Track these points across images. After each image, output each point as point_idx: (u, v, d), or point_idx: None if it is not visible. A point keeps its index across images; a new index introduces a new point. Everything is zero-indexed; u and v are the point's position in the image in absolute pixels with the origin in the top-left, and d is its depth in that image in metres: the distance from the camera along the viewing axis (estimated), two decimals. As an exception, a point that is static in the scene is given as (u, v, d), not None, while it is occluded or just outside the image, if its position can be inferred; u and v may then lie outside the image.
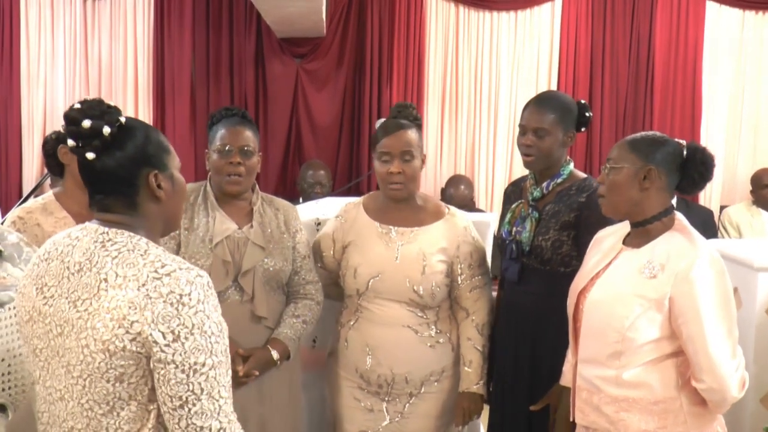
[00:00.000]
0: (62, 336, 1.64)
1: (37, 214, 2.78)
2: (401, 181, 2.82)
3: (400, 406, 2.88)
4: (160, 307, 1.56)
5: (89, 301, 1.61)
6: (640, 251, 2.33)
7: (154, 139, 1.76)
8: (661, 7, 6.53)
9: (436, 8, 6.65)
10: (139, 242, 1.68)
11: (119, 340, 1.56)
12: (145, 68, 6.67)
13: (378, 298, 2.85)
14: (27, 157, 6.71)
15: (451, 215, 2.95)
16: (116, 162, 1.68)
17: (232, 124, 2.78)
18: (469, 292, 2.90)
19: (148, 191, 1.73)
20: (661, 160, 2.30)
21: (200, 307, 1.60)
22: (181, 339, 1.56)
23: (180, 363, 1.56)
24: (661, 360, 2.28)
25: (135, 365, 1.59)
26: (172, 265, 1.63)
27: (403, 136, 2.83)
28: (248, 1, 6.28)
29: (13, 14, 6.61)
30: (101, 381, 1.59)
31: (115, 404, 1.62)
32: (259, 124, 6.61)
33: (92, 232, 1.70)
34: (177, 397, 1.57)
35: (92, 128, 1.64)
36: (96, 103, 1.69)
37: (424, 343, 2.85)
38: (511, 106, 6.61)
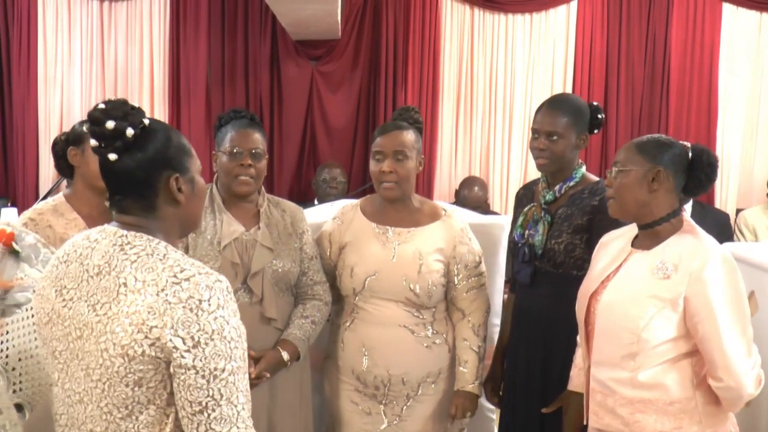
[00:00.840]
0: (81, 339, 1.64)
1: (49, 215, 2.79)
2: (393, 180, 2.82)
3: (397, 408, 2.88)
4: (179, 313, 1.56)
5: (108, 305, 1.60)
6: (651, 253, 2.33)
7: (176, 141, 1.76)
8: (677, 9, 6.49)
9: (451, 10, 6.64)
10: (158, 246, 1.67)
11: (138, 345, 1.56)
12: (160, 70, 6.71)
13: (374, 297, 2.85)
14: (44, 159, 6.75)
15: (447, 216, 2.95)
16: (136, 163, 1.68)
17: (241, 126, 2.78)
18: (465, 293, 2.90)
19: (168, 194, 1.73)
20: (668, 161, 2.32)
21: (220, 313, 1.59)
22: (201, 345, 1.56)
23: (200, 368, 1.56)
24: (678, 360, 2.28)
25: (154, 370, 1.58)
26: (191, 269, 1.62)
27: (398, 136, 2.84)
28: (264, 4, 6.30)
29: (30, 16, 6.66)
30: (120, 385, 1.59)
31: (133, 408, 1.61)
32: (273, 126, 6.64)
33: (111, 235, 1.69)
34: (196, 403, 1.57)
35: (115, 129, 1.64)
36: (120, 104, 1.68)
37: (421, 343, 2.86)
38: (526, 108, 6.60)
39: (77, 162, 2.85)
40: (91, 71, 6.75)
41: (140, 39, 6.71)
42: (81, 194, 2.87)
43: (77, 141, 2.84)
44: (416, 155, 2.86)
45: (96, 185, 2.85)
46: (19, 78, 6.69)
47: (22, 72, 6.69)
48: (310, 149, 6.73)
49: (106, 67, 6.74)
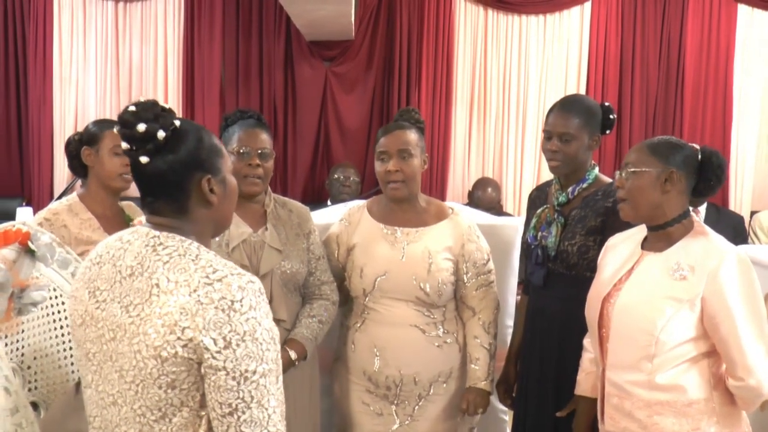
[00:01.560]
0: (115, 341, 1.62)
1: (64, 215, 2.80)
2: (400, 179, 2.82)
3: (409, 408, 2.88)
4: (211, 314, 1.54)
5: (141, 306, 1.59)
6: (665, 254, 2.33)
7: (207, 142, 1.74)
8: (692, 10, 6.48)
9: (464, 12, 6.65)
10: (191, 247, 1.66)
11: (171, 346, 1.54)
12: (175, 71, 6.74)
13: (384, 297, 2.86)
14: (58, 159, 6.79)
15: (455, 215, 2.95)
16: (168, 166, 1.66)
17: (248, 126, 2.78)
18: (475, 290, 2.91)
19: (200, 195, 1.71)
20: (680, 163, 2.32)
21: (252, 314, 1.58)
22: (232, 346, 1.54)
23: (231, 370, 1.54)
24: (696, 361, 2.28)
25: (187, 371, 1.57)
26: (224, 270, 1.61)
27: (401, 135, 2.84)
28: (278, 5, 6.32)
29: (46, 17, 6.70)
30: (153, 387, 1.58)
31: (167, 410, 1.60)
32: (287, 126, 6.66)
33: (143, 236, 1.68)
34: (227, 405, 1.55)
35: (147, 132, 1.62)
36: (150, 105, 1.66)
37: (432, 342, 2.86)
38: (540, 109, 6.59)
39: (91, 162, 2.86)
40: (106, 72, 6.80)
41: (155, 39, 6.75)
42: (95, 194, 2.88)
43: (91, 141, 2.85)
44: (420, 153, 2.87)
45: (110, 185, 2.86)
46: (35, 78, 6.74)
47: (38, 72, 6.73)
48: (324, 150, 6.75)
49: (120, 67, 6.78)
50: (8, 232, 2.15)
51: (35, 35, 6.71)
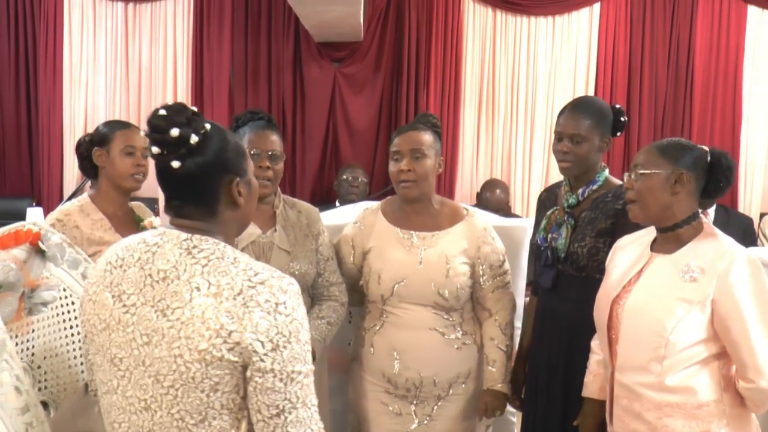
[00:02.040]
0: (150, 345, 1.60)
1: (75, 215, 2.80)
2: (412, 179, 2.82)
3: (428, 408, 2.88)
4: (258, 316, 1.55)
5: (181, 310, 1.57)
6: (674, 256, 2.32)
7: (233, 144, 1.73)
8: (701, 12, 6.46)
9: (473, 13, 6.65)
10: (226, 249, 1.65)
11: (217, 350, 1.54)
12: (184, 72, 6.76)
13: (403, 302, 2.86)
14: (68, 159, 6.82)
15: (470, 216, 2.95)
16: (198, 169, 1.64)
17: (258, 128, 2.77)
18: (491, 292, 2.91)
19: (228, 198, 1.70)
20: (690, 164, 2.31)
21: (295, 315, 1.59)
22: (279, 348, 1.55)
23: (278, 372, 1.55)
24: (706, 363, 2.27)
25: (230, 374, 1.57)
26: (264, 273, 1.61)
27: (414, 135, 2.84)
28: (287, 6, 6.34)
29: (57, 18, 6.74)
30: (195, 391, 1.57)
31: (207, 414, 1.59)
32: (296, 127, 6.67)
33: (174, 239, 1.65)
34: (274, 406, 1.56)
35: (180, 137, 1.60)
36: (181, 109, 1.64)
37: (451, 345, 2.86)
38: (548, 111, 6.59)
39: (102, 162, 2.87)
40: (116, 72, 6.82)
41: (164, 40, 6.77)
42: (106, 194, 2.89)
43: (102, 142, 2.86)
44: (434, 155, 2.86)
45: (120, 185, 2.87)
46: (45, 79, 6.77)
47: (48, 73, 6.77)
48: (333, 151, 6.76)
49: (130, 68, 6.81)
50: (19, 232, 2.16)
51: (45, 36, 6.75)
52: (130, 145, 2.85)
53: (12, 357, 1.85)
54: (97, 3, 6.78)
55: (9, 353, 1.84)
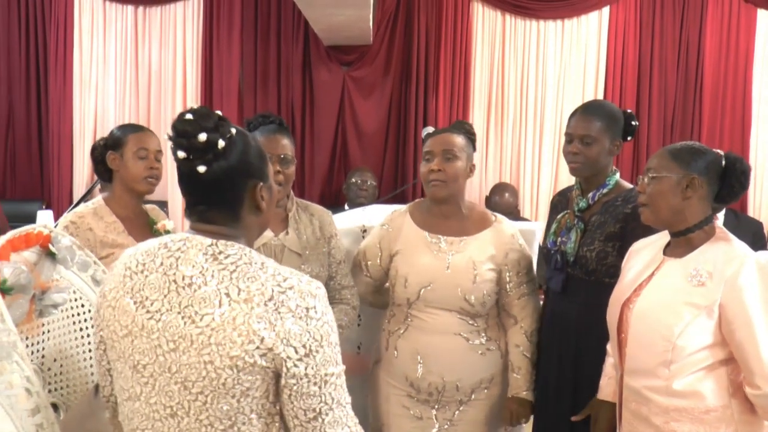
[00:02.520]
0: (176, 351, 1.58)
1: (89, 218, 2.82)
2: (441, 179, 2.82)
3: (449, 413, 2.88)
4: (289, 322, 1.54)
5: (210, 316, 1.56)
6: (684, 260, 2.32)
7: (255, 148, 1.72)
8: (711, 16, 6.43)
9: (482, 17, 6.65)
10: (252, 254, 1.64)
11: (249, 356, 1.53)
12: (193, 75, 6.78)
13: (429, 307, 2.85)
14: (78, 162, 6.86)
15: (498, 222, 2.95)
16: (223, 173, 1.63)
17: (270, 132, 2.77)
18: (517, 299, 2.90)
19: (252, 202, 1.70)
20: (702, 169, 2.30)
21: (325, 319, 1.59)
22: (312, 353, 1.55)
23: (312, 376, 1.56)
24: (714, 368, 2.26)
25: (261, 379, 1.56)
26: (292, 277, 1.60)
27: (447, 137, 2.85)
28: (296, 10, 6.34)
29: (67, 21, 6.77)
30: (226, 397, 1.56)
31: (237, 419, 1.58)
32: (305, 131, 6.68)
33: (198, 244, 1.64)
34: (311, 410, 1.57)
35: (208, 142, 1.58)
36: (206, 113, 1.62)
37: (475, 350, 2.86)
38: (557, 115, 6.58)
39: (116, 166, 2.89)
40: (126, 75, 6.85)
41: (174, 44, 6.79)
42: (119, 197, 2.91)
43: (115, 145, 2.88)
44: (466, 159, 2.86)
45: (134, 188, 2.89)
46: (56, 82, 6.81)
47: (58, 76, 6.80)
48: (341, 154, 6.76)
49: (140, 71, 6.84)
50: (30, 234, 2.17)
51: (56, 39, 6.78)
52: (143, 148, 2.86)
53: (23, 358, 1.86)
54: (107, 6, 6.81)
55: (20, 355, 1.84)
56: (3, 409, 1.76)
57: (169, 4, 6.77)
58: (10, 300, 1.98)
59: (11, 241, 2.09)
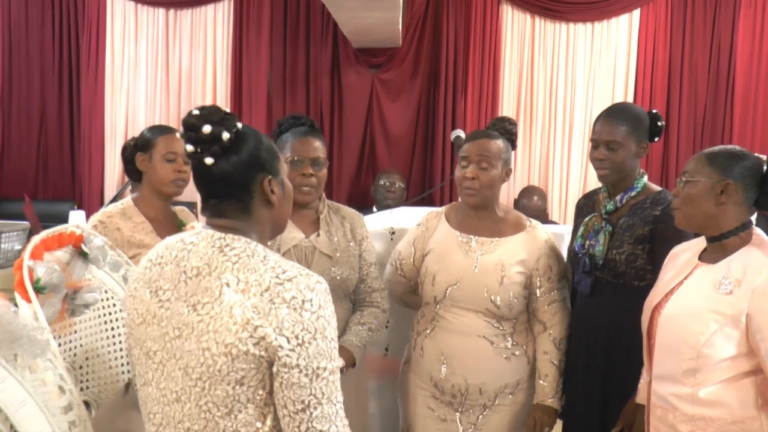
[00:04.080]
0: (181, 338, 1.66)
1: (117, 218, 2.85)
2: (475, 187, 2.82)
3: (473, 417, 2.88)
4: (284, 312, 1.59)
5: (211, 305, 1.63)
6: (716, 267, 2.27)
7: (267, 144, 1.79)
8: (743, 18, 6.35)
9: (511, 19, 6.63)
10: (257, 248, 1.70)
11: (243, 344, 1.58)
12: (223, 77, 6.82)
13: (455, 306, 2.85)
14: (109, 163, 6.93)
15: (532, 227, 2.94)
16: (233, 167, 1.71)
17: (301, 135, 2.78)
18: (547, 305, 2.88)
19: (262, 196, 1.76)
20: (739, 174, 2.24)
21: (321, 312, 1.62)
22: (305, 344, 1.58)
23: (304, 367, 1.58)
24: (739, 378, 2.21)
25: (256, 369, 1.61)
26: (293, 270, 1.65)
27: (485, 143, 2.84)
28: (325, 12, 6.36)
29: (99, 24, 6.85)
30: (221, 384, 1.62)
31: (233, 407, 1.63)
32: (333, 133, 6.70)
33: (208, 238, 1.72)
34: (299, 401, 1.59)
35: (212, 134, 1.66)
36: (214, 109, 1.70)
37: (500, 354, 2.84)
38: (587, 117, 6.53)
39: (144, 167, 2.91)
40: (156, 77, 6.91)
41: (204, 46, 6.84)
42: (148, 198, 2.93)
43: (145, 147, 2.90)
44: (502, 165, 2.86)
45: (161, 190, 2.91)
46: (87, 84, 6.89)
47: (90, 78, 6.88)
48: (369, 156, 6.77)
49: (170, 73, 6.90)
50: (62, 234, 2.19)
51: (88, 42, 6.86)
52: (171, 151, 2.88)
53: (55, 357, 1.88)
54: (138, 9, 6.88)
55: (53, 353, 1.87)
56: (37, 406, 1.79)
57: (200, 7, 6.82)
58: (43, 299, 2.00)
59: (44, 240, 2.12)
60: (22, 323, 1.78)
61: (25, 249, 2.07)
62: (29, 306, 1.95)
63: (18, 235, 3.87)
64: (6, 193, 7.10)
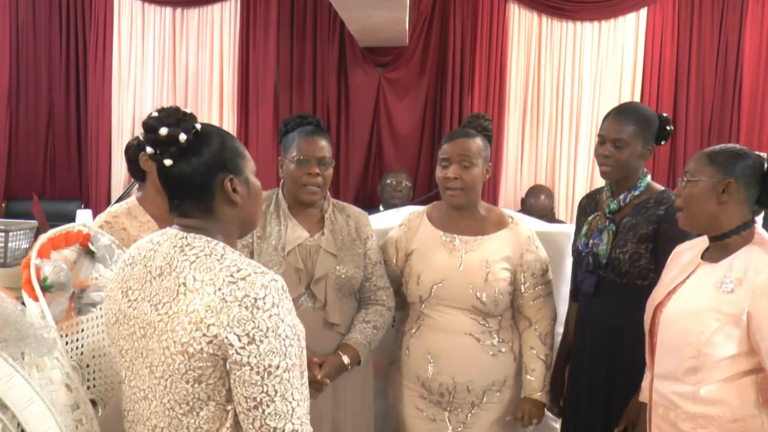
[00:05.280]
0: (145, 338, 1.69)
1: (123, 218, 2.85)
2: (458, 187, 2.82)
3: (462, 416, 2.87)
4: (235, 311, 1.59)
5: (169, 304, 1.65)
6: (717, 266, 2.27)
7: (229, 144, 1.79)
8: (751, 17, 6.34)
9: (518, 18, 6.63)
10: (216, 247, 1.71)
11: (197, 342, 1.60)
12: (230, 76, 6.84)
13: (440, 305, 2.85)
14: (116, 162, 6.95)
15: (514, 224, 2.94)
16: (192, 168, 1.72)
17: (308, 134, 2.78)
18: (532, 301, 2.89)
19: (224, 196, 1.76)
20: (740, 173, 2.24)
21: (274, 311, 1.62)
22: (255, 342, 1.59)
23: (255, 365, 1.59)
24: (740, 376, 2.20)
25: (212, 367, 1.62)
26: (247, 269, 1.65)
27: (464, 143, 2.83)
28: (332, 11, 6.37)
29: (107, 23, 6.87)
30: (181, 382, 1.63)
31: (194, 404, 1.65)
32: (340, 132, 6.70)
33: (172, 237, 1.74)
34: (251, 399, 1.60)
35: (169, 135, 1.68)
36: (173, 111, 1.72)
37: (486, 351, 2.84)
38: (593, 117, 6.53)
39: (148, 167, 2.90)
40: (163, 76, 6.93)
41: (210, 45, 6.85)
42: (152, 198, 2.93)
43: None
44: (483, 163, 2.85)
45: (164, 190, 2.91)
46: (95, 83, 6.91)
47: (97, 78, 6.90)
48: (376, 155, 6.77)
49: (177, 72, 6.91)
50: (70, 233, 2.20)
51: (95, 41, 6.88)
52: None
53: (62, 355, 1.88)
54: (145, 8, 6.89)
55: (59, 351, 1.87)
56: (44, 404, 1.79)
57: (207, 6, 6.84)
58: (50, 297, 2.01)
59: (52, 239, 2.12)
60: (29, 322, 1.79)
61: (32, 248, 2.08)
62: (36, 304, 1.95)
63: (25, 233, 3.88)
64: (14, 192, 7.13)
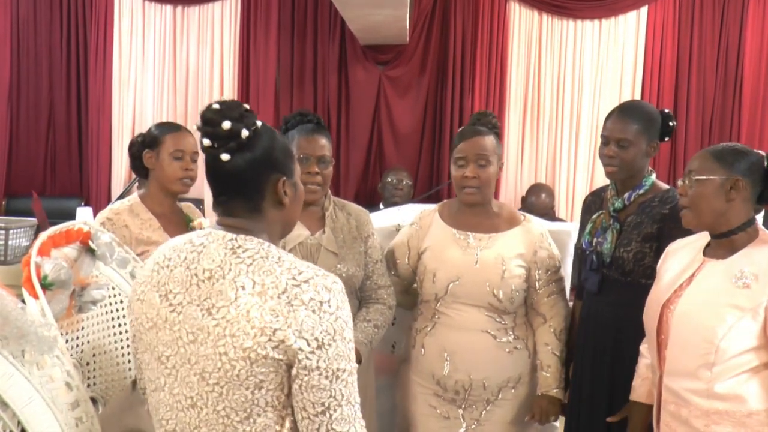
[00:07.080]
0: (195, 343, 1.62)
1: (125, 215, 2.84)
2: (476, 186, 2.82)
3: (476, 413, 2.87)
4: (302, 315, 1.55)
5: (226, 308, 1.58)
6: (727, 261, 2.27)
7: (282, 144, 1.75)
8: (752, 15, 6.35)
9: (519, 16, 6.63)
10: (270, 249, 1.66)
11: (261, 347, 1.55)
12: (230, 74, 6.84)
13: (456, 302, 2.85)
14: (116, 160, 6.96)
15: (527, 221, 2.94)
16: (246, 164, 1.66)
17: (308, 132, 2.77)
18: (546, 297, 2.89)
19: (274, 196, 1.72)
20: (746, 170, 2.25)
21: (340, 313, 1.59)
22: (324, 346, 1.55)
23: (324, 369, 1.56)
24: (758, 371, 2.21)
25: (275, 372, 1.57)
26: (309, 271, 1.61)
27: (479, 141, 2.83)
28: (333, 9, 6.37)
29: (107, 21, 6.88)
30: (240, 388, 1.58)
31: (252, 411, 1.60)
32: (341, 130, 6.71)
33: (219, 239, 1.67)
34: (319, 404, 1.57)
35: (231, 130, 1.63)
36: (235, 105, 1.67)
37: (502, 348, 2.84)
38: (594, 115, 6.54)
39: (152, 165, 2.90)
40: (164, 74, 6.94)
41: (211, 43, 6.86)
42: (155, 195, 2.92)
43: (153, 144, 2.89)
44: (497, 160, 2.86)
45: (168, 188, 2.90)
46: (95, 81, 6.91)
47: (98, 76, 6.91)
48: (377, 153, 6.78)
49: (178, 70, 6.92)
50: (70, 231, 2.19)
51: (96, 39, 6.89)
52: (179, 149, 2.87)
53: (63, 353, 1.88)
54: (146, 6, 6.90)
55: (60, 349, 1.87)
56: (45, 402, 1.79)
57: (207, 4, 6.84)
58: (50, 295, 2.00)
59: (52, 237, 2.12)
60: (29, 320, 1.78)
61: (32, 245, 2.07)
62: (37, 302, 1.95)
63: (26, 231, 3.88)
64: (14, 190, 7.14)
